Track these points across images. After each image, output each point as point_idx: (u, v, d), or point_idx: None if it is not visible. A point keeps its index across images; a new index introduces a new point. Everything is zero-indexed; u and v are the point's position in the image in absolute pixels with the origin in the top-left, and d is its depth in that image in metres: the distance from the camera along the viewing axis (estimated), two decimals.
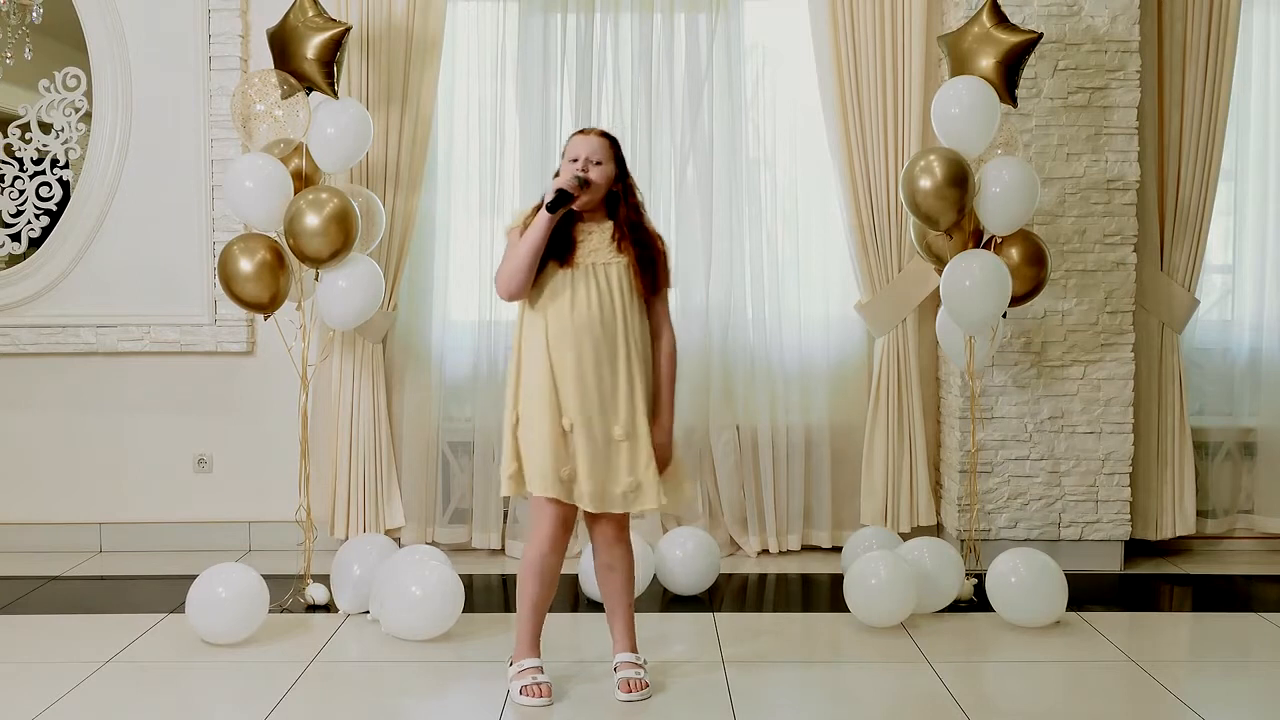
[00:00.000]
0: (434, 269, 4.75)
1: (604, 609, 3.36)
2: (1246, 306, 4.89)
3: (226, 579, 3.64)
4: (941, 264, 4.12)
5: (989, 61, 3.98)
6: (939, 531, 4.70)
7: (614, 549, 3.26)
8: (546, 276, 3.15)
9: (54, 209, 4.76)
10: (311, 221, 3.86)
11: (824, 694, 3.29)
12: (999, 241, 4.08)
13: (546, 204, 3.09)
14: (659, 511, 3.22)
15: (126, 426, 4.80)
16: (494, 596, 4.23)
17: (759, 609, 4.16)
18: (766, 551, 4.74)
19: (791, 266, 4.78)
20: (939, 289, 4.10)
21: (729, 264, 4.72)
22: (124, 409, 4.80)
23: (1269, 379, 4.87)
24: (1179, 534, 4.68)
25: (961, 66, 4.04)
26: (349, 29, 4.05)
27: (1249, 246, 4.89)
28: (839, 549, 4.54)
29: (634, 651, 3.28)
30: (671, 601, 4.13)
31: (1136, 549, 4.69)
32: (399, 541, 4.57)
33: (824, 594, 4.28)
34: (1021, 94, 4.25)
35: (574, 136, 3.24)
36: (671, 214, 4.71)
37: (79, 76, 4.74)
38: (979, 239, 4.10)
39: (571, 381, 3.11)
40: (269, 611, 3.74)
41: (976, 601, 4.01)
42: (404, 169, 4.56)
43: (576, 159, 3.16)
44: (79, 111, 4.74)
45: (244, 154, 4.11)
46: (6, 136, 4.73)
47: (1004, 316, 4.07)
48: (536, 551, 3.20)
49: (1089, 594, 4.16)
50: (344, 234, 3.91)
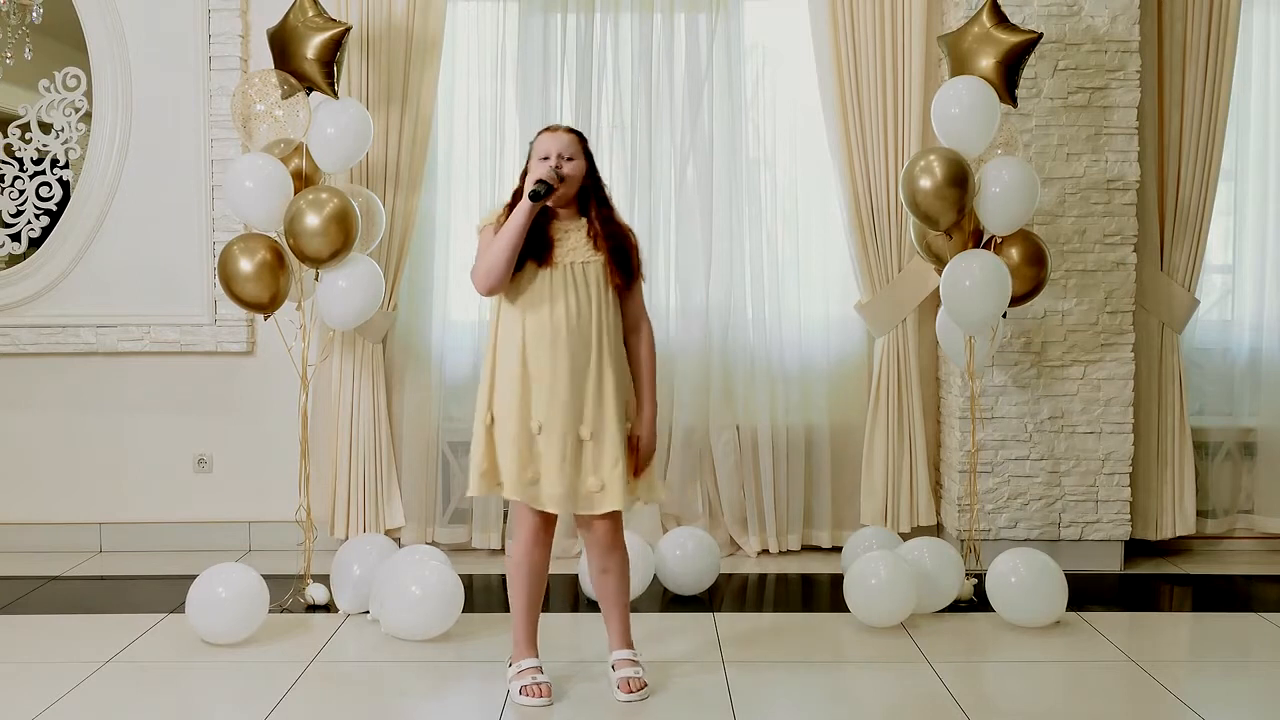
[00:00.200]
0: (434, 269, 4.75)
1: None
2: (1246, 306, 4.89)
3: (226, 579, 3.64)
4: (941, 264, 4.11)
5: (989, 61, 3.98)
6: (939, 531, 4.70)
7: (609, 555, 3.24)
8: (525, 276, 3.13)
9: (54, 209, 4.76)
10: (311, 221, 3.86)
11: (824, 694, 3.28)
12: (999, 241, 4.08)
13: (529, 193, 3.08)
14: (625, 509, 3.20)
15: (126, 426, 4.80)
16: (494, 596, 4.23)
17: (759, 609, 4.16)
18: (766, 551, 4.74)
19: (791, 266, 4.78)
20: (939, 289, 4.09)
21: (729, 264, 4.72)
22: (124, 409, 4.80)
23: (1269, 379, 4.87)
24: (1179, 534, 4.69)
25: (961, 66, 4.04)
26: (349, 29, 4.05)
27: (1249, 246, 4.89)
28: (839, 549, 4.54)
29: (630, 648, 3.28)
30: (671, 601, 4.13)
31: (1136, 549, 4.69)
32: (399, 541, 4.57)
33: (824, 594, 4.28)
34: (1021, 94, 4.25)
35: (542, 134, 3.22)
36: (671, 214, 4.71)
37: (79, 76, 4.74)
38: (979, 239, 4.10)
39: (544, 383, 3.10)
40: (269, 611, 3.75)
41: (976, 601, 4.01)
42: (404, 169, 4.56)
43: (548, 156, 3.15)
44: (79, 111, 4.74)
45: (244, 154, 4.11)
46: (6, 136, 4.73)
47: (1004, 316, 4.07)
48: (521, 549, 3.21)
49: (1089, 594, 4.16)
50: (344, 234, 3.91)
